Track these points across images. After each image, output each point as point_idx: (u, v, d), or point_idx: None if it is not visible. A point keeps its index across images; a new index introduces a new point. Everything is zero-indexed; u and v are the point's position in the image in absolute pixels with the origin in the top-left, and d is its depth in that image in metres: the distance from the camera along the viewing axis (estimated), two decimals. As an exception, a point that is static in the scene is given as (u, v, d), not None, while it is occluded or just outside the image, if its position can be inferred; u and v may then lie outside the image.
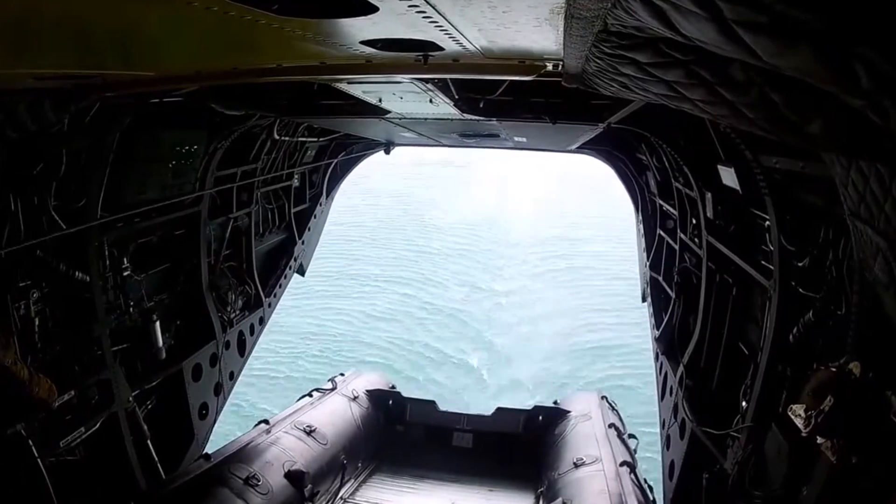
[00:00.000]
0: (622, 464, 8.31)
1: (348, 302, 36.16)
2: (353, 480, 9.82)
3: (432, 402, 12.19)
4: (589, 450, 9.04)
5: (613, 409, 11.24)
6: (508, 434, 11.30)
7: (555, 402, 11.92)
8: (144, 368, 7.32)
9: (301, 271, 12.39)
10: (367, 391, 11.72)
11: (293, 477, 7.97)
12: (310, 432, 9.25)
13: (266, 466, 7.82)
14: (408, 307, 36.16)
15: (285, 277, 11.48)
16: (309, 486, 8.12)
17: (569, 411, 11.06)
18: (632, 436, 9.94)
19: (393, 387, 12.64)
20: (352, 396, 11.17)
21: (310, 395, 10.89)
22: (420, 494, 9.71)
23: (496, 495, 9.82)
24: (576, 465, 8.69)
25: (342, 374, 12.24)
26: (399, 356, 30.22)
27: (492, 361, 30.51)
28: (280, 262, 11.43)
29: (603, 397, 11.61)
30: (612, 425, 9.97)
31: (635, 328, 26.27)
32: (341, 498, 9.17)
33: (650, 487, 8.13)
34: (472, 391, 26.99)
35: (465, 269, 42.33)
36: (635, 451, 9.38)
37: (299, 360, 29.14)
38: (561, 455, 9.46)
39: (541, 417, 11.37)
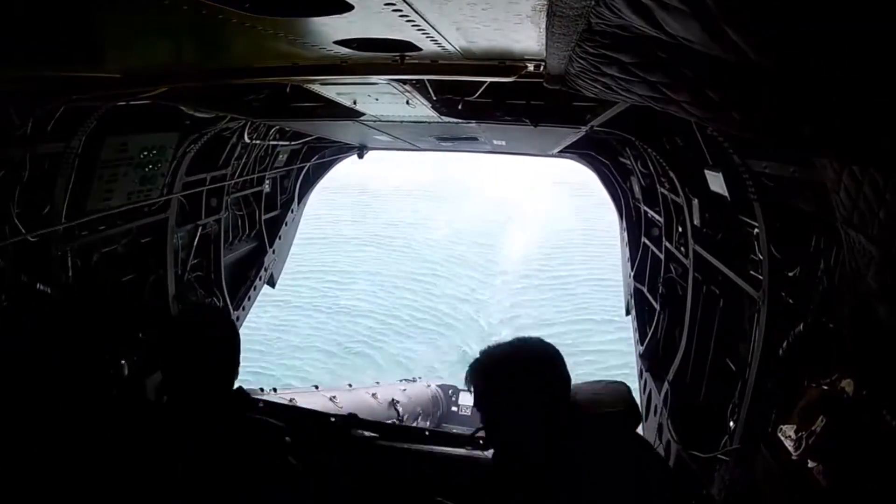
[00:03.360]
0: None
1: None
2: None
3: None
4: None
5: None
6: None
7: None
8: (107, 385, 6.93)
9: (272, 283, 12.04)
10: (437, 385, 17.88)
11: (395, 405, 11.94)
12: (403, 390, 14.24)
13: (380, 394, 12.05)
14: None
15: (255, 289, 11.10)
16: (406, 415, 11.99)
17: None
18: None
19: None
20: (426, 385, 17.28)
21: (400, 381, 16.59)
22: None
23: None
24: None
25: (420, 377, 19.07)
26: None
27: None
28: (249, 272, 11.01)
29: None
30: None
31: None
32: None
33: None
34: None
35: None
36: None
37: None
38: None
39: None
